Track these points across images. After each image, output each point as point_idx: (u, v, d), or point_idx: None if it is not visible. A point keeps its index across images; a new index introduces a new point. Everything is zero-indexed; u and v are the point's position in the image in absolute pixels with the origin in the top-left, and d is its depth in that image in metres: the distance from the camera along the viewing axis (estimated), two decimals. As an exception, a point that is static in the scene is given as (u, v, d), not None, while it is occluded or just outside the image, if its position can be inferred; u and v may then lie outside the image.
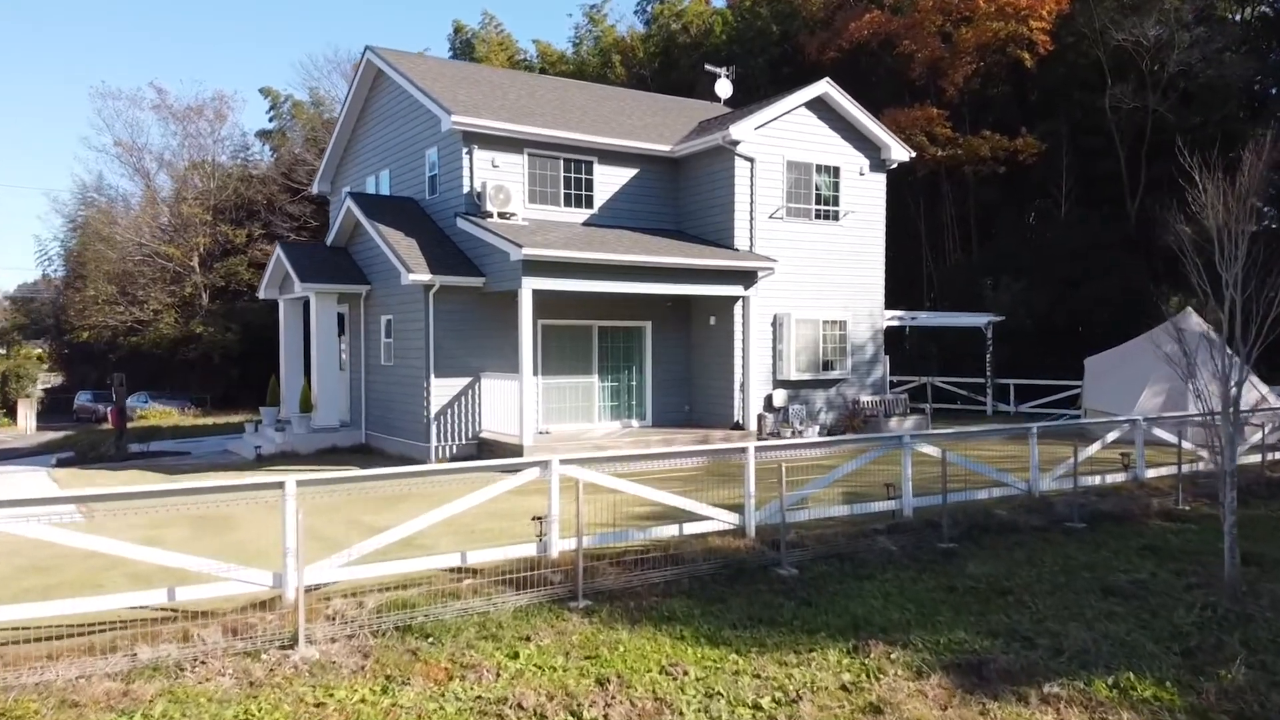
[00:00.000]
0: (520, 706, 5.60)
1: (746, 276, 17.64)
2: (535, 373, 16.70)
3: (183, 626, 6.58)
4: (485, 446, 16.33)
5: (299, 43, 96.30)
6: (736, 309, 18.06)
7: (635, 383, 18.87)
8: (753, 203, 18.18)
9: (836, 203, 19.24)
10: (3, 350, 52.83)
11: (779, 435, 17.97)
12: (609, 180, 18.71)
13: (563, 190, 18.18)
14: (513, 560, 8.14)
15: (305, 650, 6.34)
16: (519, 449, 14.97)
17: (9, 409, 41.09)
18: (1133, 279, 27.22)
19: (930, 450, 10.66)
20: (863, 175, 19.57)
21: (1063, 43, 29.16)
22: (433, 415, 16.24)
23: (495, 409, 16.47)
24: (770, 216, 18.39)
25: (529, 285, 15.12)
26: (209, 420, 31.16)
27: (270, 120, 48.01)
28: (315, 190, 24.74)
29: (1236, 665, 6.23)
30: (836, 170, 19.22)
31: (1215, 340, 8.34)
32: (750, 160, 18.10)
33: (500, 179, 17.22)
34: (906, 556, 9.12)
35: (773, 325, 18.49)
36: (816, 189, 19.00)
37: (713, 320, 18.68)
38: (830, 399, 19.24)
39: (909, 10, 30.46)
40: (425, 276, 15.83)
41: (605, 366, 18.56)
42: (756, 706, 5.66)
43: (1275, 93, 30.23)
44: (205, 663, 6.19)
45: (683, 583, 8.10)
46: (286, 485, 6.82)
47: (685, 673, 6.12)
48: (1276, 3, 30.35)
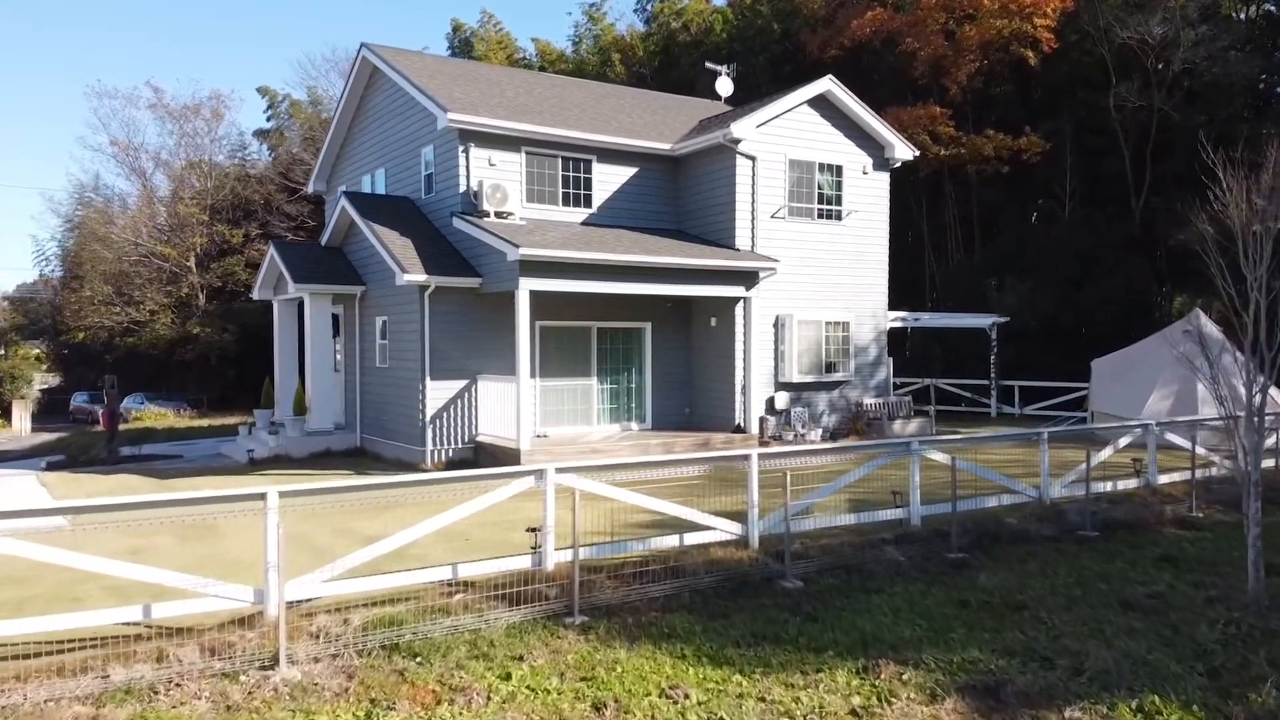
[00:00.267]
0: (511, 734, 5.29)
1: (748, 277, 17.31)
2: (533, 375, 16.40)
3: (158, 646, 6.27)
4: (482, 450, 16.02)
5: (297, 42, 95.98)
6: (738, 310, 17.74)
7: (635, 385, 18.54)
8: (754, 202, 17.85)
9: (839, 202, 18.92)
10: (1, 351, 52.54)
11: (781, 438, 17.65)
12: (608, 179, 18.39)
13: (561, 189, 17.86)
14: (506, 573, 7.83)
15: (286, 671, 6.02)
16: (516, 453, 14.66)
17: (4, 410, 40.81)
18: (1137, 279, 26.92)
19: (940, 457, 10.35)
20: (866, 174, 19.25)
21: (1067, 40, 28.81)
22: (428, 418, 15.93)
23: (492, 412, 16.14)
24: (772, 216, 18.07)
25: (526, 286, 14.81)
26: (204, 422, 30.86)
27: (268, 120, 47.72)
28: (310, 190, 24.40)
29: (1267, 688, 5.92)
30: (839, 169, 18.90)
31: (1225, 343, 8.04)
32: (752, 159, 17.78)
33: (497, 178, 16.91)
34: (915, 568, 8.82)
35: (774, 326, 18.17)
36: (819, 188, 18.68)
37: (713, 321, 18.35)
38: (833, 401, 18.92)
39: (911, 7, 30.10)
40: (420, 277, 15.53)
41: (604, 369, 18.23)
42: (762, 734, 5.36)
43: (1281, 91, 29.94)
44: (180, 685, 5.88)
45: (683, 596, 7.78)
46: (268, 498, 6.50)
47: (686, 696, 5.81)
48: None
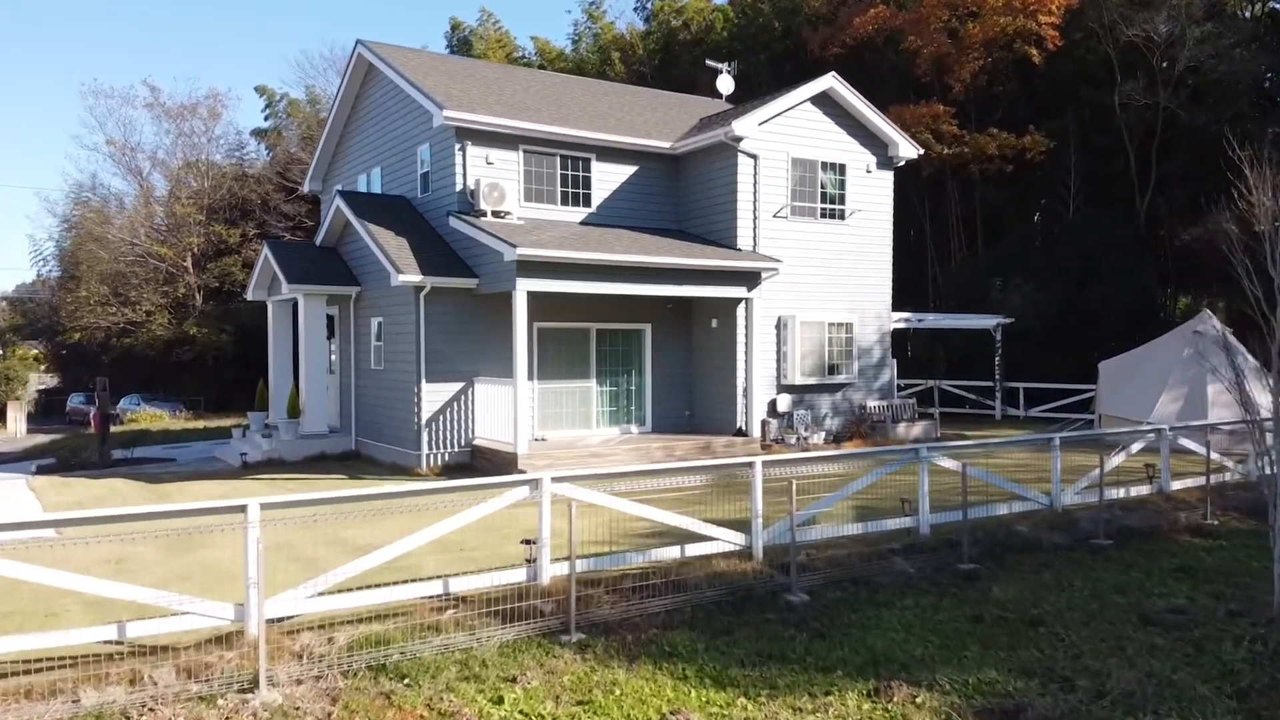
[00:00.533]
0: (503, 764, 4.98)
1: (749, 277, 17.00)
2: (530, 377, 16.08)
3: (132, 667, 5.94)
4: (478, 454, 15.71)
5: (295, 41, 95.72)
6: (739, 311, 17.42)
7: (634, 387, 18.23)
8: (756, 201, 17.54)
9: (843, 201, 18.61)
10: (0, 351, 52.25)
11: (783, 441, 17.34)
12: (607, 178, 18.07)
13: (559, 188, 17.55)
14: (500, 587, 7.52)
15: (266, 694, 5.71)
16: (513, 457, 14.35)
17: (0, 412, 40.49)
18: (1142, 280, 26.58)
19: (949, 464, 10.04)
20: (869, 173, 18.94)
21: (1071, 38, 28.49)
22: (423, 422, 15.62)
23: (489, 415, 15.83)
24: (774, 215, 17.76)
25: (524, 287, 14.50)
26: (200, 424, 30.52)
27: (265, 119, 47.36)
28: (306, 189, 24.09)
29: (1300, 712, 5.61)
30: (843, 167, 18.59)
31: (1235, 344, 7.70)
32: (754, 157, 17.47)
33: (495, 176, 16.60)
34: (925, 580, 8.49)
35: (777, 328, 17.86)
36: (822, 187, 18.37)
37: (715, 323, 18.04)
38: (836, 404, 18.60)
39: (914, 5, 29.77)
40: (416, 277, 15.22)
41: (603, 371, 17.92)
42: (769, 764, 5.04)
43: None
44: (154, 710, 5.56)
45: (685, 612, 7.46)
46: (249, 511, 6.18)
47: (688, 721, 5.50)
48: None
